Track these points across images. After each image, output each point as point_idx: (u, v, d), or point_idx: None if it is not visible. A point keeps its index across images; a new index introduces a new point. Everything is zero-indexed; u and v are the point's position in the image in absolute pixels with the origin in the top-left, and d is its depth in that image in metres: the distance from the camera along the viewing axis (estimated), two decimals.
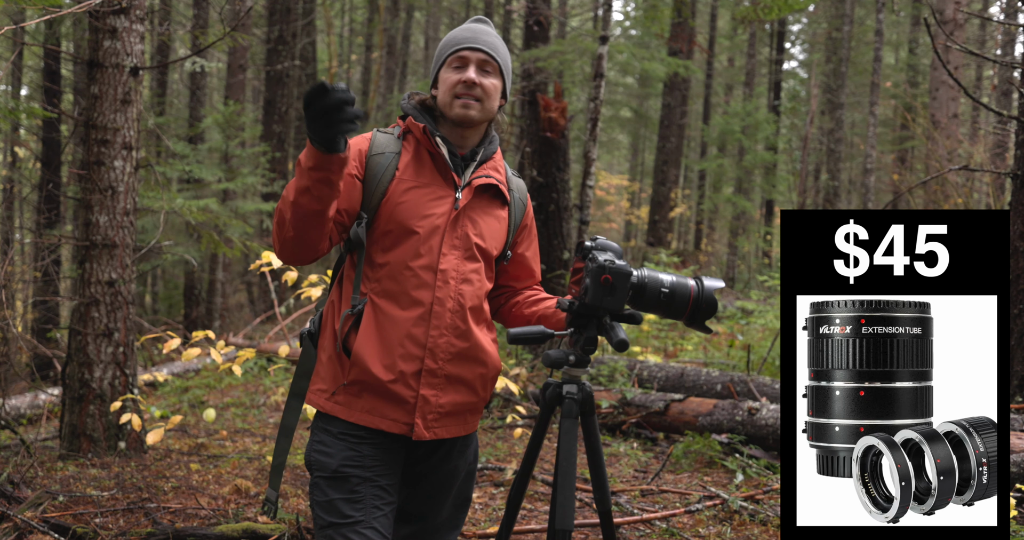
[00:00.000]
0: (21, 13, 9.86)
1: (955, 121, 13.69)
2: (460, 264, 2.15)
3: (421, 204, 2.14)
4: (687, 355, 8.89)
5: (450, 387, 2.15)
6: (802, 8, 7.89)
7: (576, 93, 17.76)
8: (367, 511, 2.08)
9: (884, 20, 14.93)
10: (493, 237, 2.23)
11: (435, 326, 2.12)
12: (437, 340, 2.11)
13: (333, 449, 2.12)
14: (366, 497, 2.09)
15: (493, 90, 2.18)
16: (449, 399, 2.15)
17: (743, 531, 3.90)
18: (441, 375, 2.13)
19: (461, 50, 2.17)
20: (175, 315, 13.92)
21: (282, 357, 6.91)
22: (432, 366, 2.12)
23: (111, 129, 4.90)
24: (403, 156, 2.18)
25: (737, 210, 20.19)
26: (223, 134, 12.08)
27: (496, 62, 2.19)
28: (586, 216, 7.34)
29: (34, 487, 4.27)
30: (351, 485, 2.09)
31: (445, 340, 2.12)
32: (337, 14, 21.30)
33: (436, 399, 2.13)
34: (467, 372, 2.17)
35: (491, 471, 4.78)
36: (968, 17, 13.76)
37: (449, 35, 2.25)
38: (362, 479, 2.10)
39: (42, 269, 10.14)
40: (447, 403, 2.15)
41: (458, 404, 2.18)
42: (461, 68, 2.17)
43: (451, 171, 2.18)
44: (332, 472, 2.11)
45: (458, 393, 2.17)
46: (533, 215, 2.38)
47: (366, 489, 2.10)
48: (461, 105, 2.15)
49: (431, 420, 2.13)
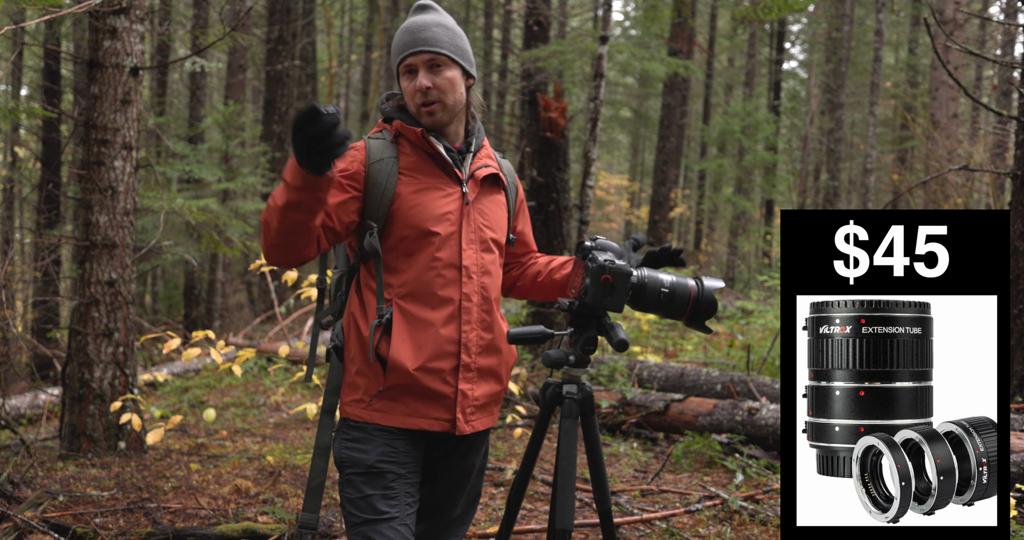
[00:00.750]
0: (21, 13, 9.86)
1: (955, 121, 13.69)
2: (479, 257, 2.20)
3: (433, 204, 2.15)
4: (687, 355, 8.90)
5: (482, 380, 2.20)
6: (802, 8, 7.89)
7: (576, 93, 17.76)
8: (401, 508, 2.10)
9: (884, 20, 14.93)
10: (499, 225, 2.28)
11: (465, 321, 2.16)
12: (468, 334, 2.16)
13: (368, 446, 2.12)
14: (400, 494, 2.11)
15: (449, 84, 2.17)
16: (482, 391, 2.21)
17: (743, 531, 3.91)
18: (474, 368, 2.18)
19: (406, 57, 2.18)
20: (175, 315, 13.92)
21: (282, 357, 6.92)
22: (467, 360, 2.16)
23: (111, 129, 4.90)
24: (402, 160, 2.18)
25: (737, 210, 20.19)
26: (223, 134, 12.08)
27: (443, 54, 2.17)
28: (586, 216, 7.34)
29: (34, 487, 4.27)
30: (387, 481, 2.10)
31: (475, 334, 2.17)
32: (337, 14, 21.29)
33: (472, 392, 2.18)
34: (495, 362, 2.23)
35: (491, 471, 4.78)
36: (968, 17, 13.76)
37: (395, 38, 2.23)
38: (397, 475, 2.11)
39: (42, 269, 10.14)
40: (481, 395, 2.20)
41: (489, 395, 2.23)
42: (412, 75, 2.18)
43: (452, 167, 2.20)
44: (367, 468, 2.11)
45: (489, 384, 2.22)
46: (523, 193, 2.44)
47: (400, 486, 2.11)
48: (427, 114, 2.18)
49: (469, 414, 2.18)
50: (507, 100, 17.09)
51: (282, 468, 4.81)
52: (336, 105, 1.77)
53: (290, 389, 7.51)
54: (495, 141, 15.73)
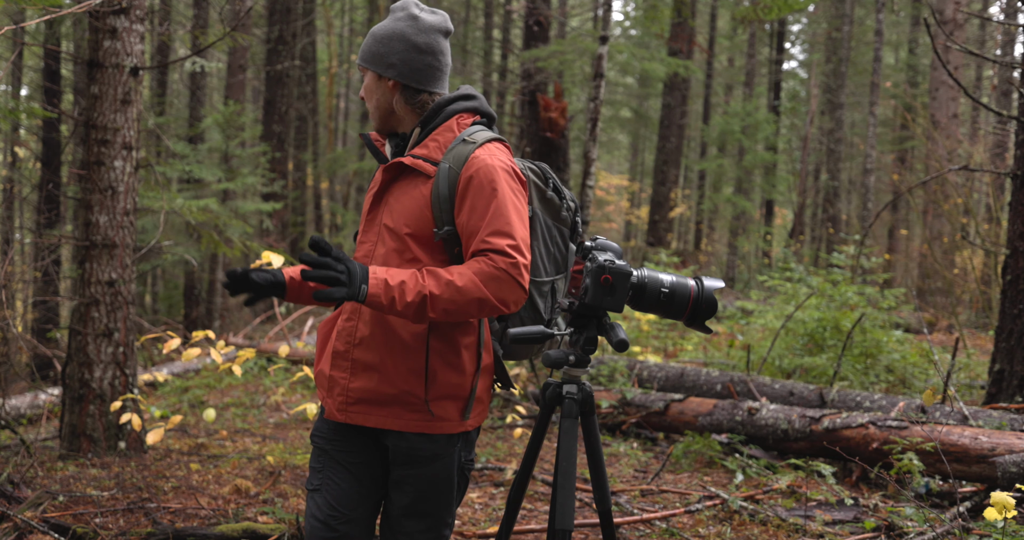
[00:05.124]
0: (21, 13, 9.86)
1: (955, 121, 13.69)
2: (372, 248, 2.20)
3: (365, 204, 2.29)
4: (687, 355, 8.89)
5: (362, 373, 2.15)
6: (802, 8, 7.89)
7: (576, 93, 17.76)
8: (324, 482, 2.23)
9: (884, 20, 14.93)
10: (405, 215, 2.13)
11: (344, 310, 2.21)
12: (344, 324, 2.19)
13: (317, 421, 2.30)
14: (325, 468, 2.24)
15: (367, 93, 2.27)
16: (360, 384, 2.15)
17: (743, 531, 3.90)
18: (349, 359, 2.17)
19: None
20: (175, 315, 13.92)
21: (282, 357, 6.92)
22: (339, 349, 2.19)
23: (111, 129, 4.90)
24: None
25: (737, 210, 20.19)
26: (223, 134, 12.08)
27: (362, 64, 2.26)
28: (586, 216, 7.34)
29: (34, 487, 4.27)
30: (316, 455, 2.28)
31: (352, 324, 2.17)
32: (337, 14, 21.29)
33: (347, 382, 2.17)
34: (377, 360, 2.13)
35: (491, 471, 4.78)
36: (968, 17, 13.76)
37: None
38: (321, 450, 2.25)
39: (42, 269, 10.14)
40: (359, 388, 2.15)
41: (371, 391, 2.13)
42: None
43: (382, 164, 2.26)
44: (311, 441, 2.30)
45: (370, 380, 2.14)
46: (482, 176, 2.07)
47: (325, 461, 2.24)
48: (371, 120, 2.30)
49: (341, 402, 2.18)
50: (507, 100, 17.08)
51: (282, 468, 4.81)
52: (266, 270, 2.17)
53: (290, 389, 7.51)
54: None
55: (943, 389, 5.03)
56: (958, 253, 12.32)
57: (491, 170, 2.08)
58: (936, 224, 13.23)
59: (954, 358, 5.14)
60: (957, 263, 12.37)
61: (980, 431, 4.23)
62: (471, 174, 2.07)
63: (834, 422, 4.73)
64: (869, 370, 6.56)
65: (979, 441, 4.15)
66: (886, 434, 4.46)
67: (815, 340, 6.94)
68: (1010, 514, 2.92)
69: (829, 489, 4.43)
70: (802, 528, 3.86)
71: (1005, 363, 5.05)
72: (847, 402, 5.36)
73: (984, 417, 4.58)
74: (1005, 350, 5.06)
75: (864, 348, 6.61)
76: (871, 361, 6.61)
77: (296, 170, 16.34)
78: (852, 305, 7.25)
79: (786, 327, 7.12)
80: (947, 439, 4.23)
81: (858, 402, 5.29)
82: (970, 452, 4.14)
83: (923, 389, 6.20)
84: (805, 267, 10.14)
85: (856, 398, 5.35)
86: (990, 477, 4.07)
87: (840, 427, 4.69)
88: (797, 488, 4.45)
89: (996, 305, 8.90)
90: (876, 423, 4.55)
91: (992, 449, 4.08)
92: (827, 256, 10.75)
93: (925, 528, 3.73)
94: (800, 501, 4.28)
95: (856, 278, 8.55)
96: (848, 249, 8.61)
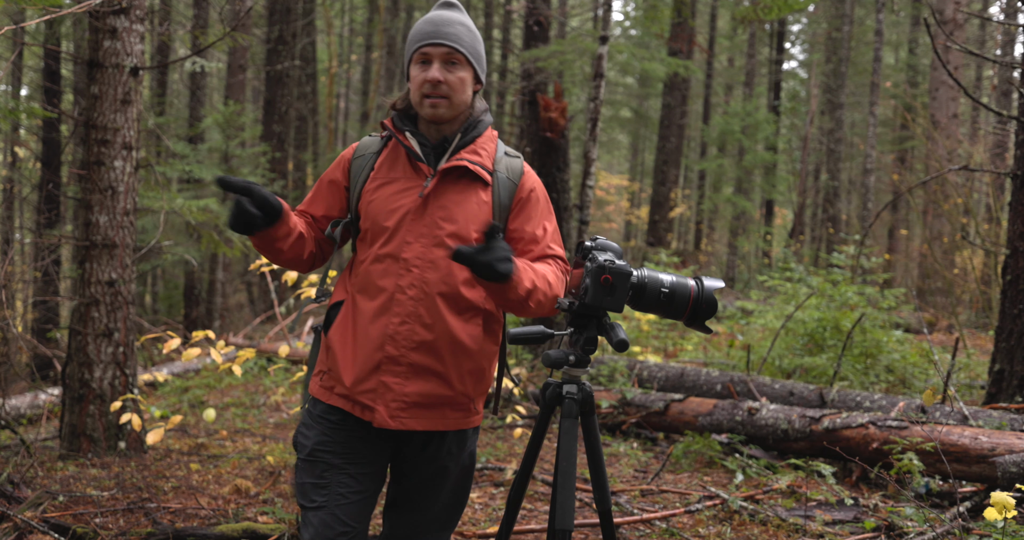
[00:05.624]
0: (21, 13, 9.85)
1: (955, 121, 13.69)
2: (426, 252, 2.15)
3: (389, 199, 2.19)
4: (687, 355, 8.89)
5: (416, 377, 2.14)
6: (802, 8, 7.89)
7: (576, 93, 17.75)
8: (332, 498, 2.13)
9: (884, 20, 14.93)
10: (473, 221, 2.18)
11: (396, 314, 2.13)
12: (398, 327, 2.13)
13: (310, 432, 2.19)
14: (332, 483, 2.14)
15: (459, 84, 2.18)
16: (415, 389, 2.14)
17: (743, 531, 3.90)
18: (404, 363, 2.13)
19: (424, 46, 2.18)
20: (175, 315, 13.92)
21: (282, 357, 6.92)
22: (393, 353, 2.13)
23: (111, 129, 4.89)
24: (382, 155, 2.26)
25: (737, 210, 20.19)
26: (223, 134, 12.08)
27: (461, 52, 2.18)
28: (586, 216, 7.34)
29: (34, 487, 4.27)
30: (319, 470, 2.16)
31: (407, 328, 2.13)
32: (337, 14, 21.29)
33: (400, 387, 2.13)
34: (432, 362, 2.14)
35: (491, 471, 4.78)
36: (968, 17, 13.76)
37: (415, 26, 2.24)
38: (329, 465, 2.16)
39: (42, 269, 10.14)
40: (413, 393, 2.14)
41: (426, 394, 2.15)
42: (426, 65, 2.19)
43: (420, 162, 2.19)
44: (306, 455, 2.18)
45: (426, 383, 2.14)
46: (538, 190, 2.29)
47: (333, 476, 2.15)
48: (430, 105, 2.18)
49: (396, 409, 2.13)
50: (507, 100, 17.08)
51: (282, 468, 4.81)
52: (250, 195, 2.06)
53: (290, 389, 7.51)
54: None
55: (943, 389, 5.03)
56: (958, 253, 12.32)
57: (541, 187, 2.32)
58: (936, 224, 13.23)
59: (954, 358, 5.14)
60: (957, 263, 12.37)
61: (980, 431, 4.23)
62: (531, 187, 2.27)
63: (834, 422, 4.73)
64: (869, 370, 6.56)
65: (979, 441, 4.15)
66: (886, 434, 4.46)
67: (815, 340, 6.94)
68: (1010, 514, 2.92)
69: (829, 489, 4.43)
70: (802, 528, 3.86)
71: (1005, 363, 5.05)
72: (847, 402, 5.36)
73: (984, 417, 4.58)
74: (1005, 350, 5.06)
75: (864, 348, 6.61)
76: (871, 361, 6.62)
77: (296, 170, 16.34)
78: (852, 305, 7.26)
79: (786, 327, 7.12)
80: (947, 439, 4.23)
81: (858, 402, 5.29)
82: (970, 452, 4.14)
83: (923, 389, 6.20)
84: (805, 267, 10.15)
85: (856, 398, 5.35)
86: (990, 477, 4.07)
87: (840, 427, 4.69)
88: (797, 488, 4.45)
89: (996, 305, 8.90)
90: (876, 423, 4.55)
91: (992, 449, 4.08)
92: (827, 256, 10.75)
93: (925, 528, 3.73)
94: (800, 501, 4.28)
95: (856, 278, 8.56)
96: (848, 249, 8.61)
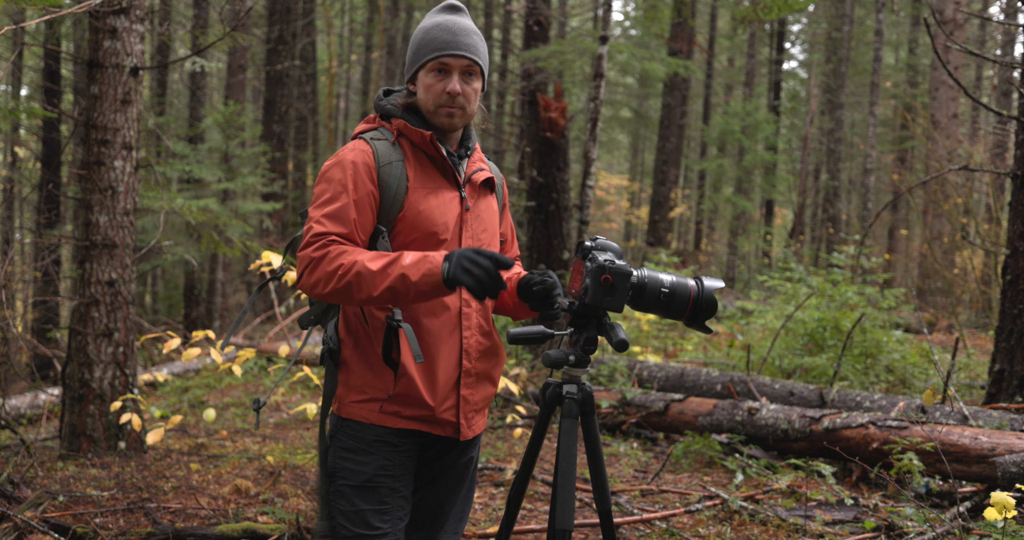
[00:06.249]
0: (21, 13, 9.86)
1: (955, 121, 13.69)
2: None
3: (440, 209, 2.13)
4: (687, 355, 8.89)
5: (479, 384, 2.22)
6: (802, 8, 7.89)
7: (576, 93, 17.75)
8: (394, 523, 2.11)
9: (884, 20, 14.93)
10: (493, 229, 2.27)
11: (466, 327, 2.16)
12: (469, 341, 2.17)
13: (366, 458, 2.10)
14: (393, 508, 2.12)
15: (474, 95, 2.18)
16: (481, 395, 2.22)
17: (743, 531, 3.90)
18: (474, 374, 2.19)
19: (444, 56, 2.11)
20: (175, 315, 13.92)
21: (282, 357, 6.92)
22: (467, 366, 2.17)
23: (111, 129, 4.89)
24: (407, 162, 2.15)
25: (737, 210, 20.19)
26: (223, 134, 12.07)
27: (479, 65, 2.16)
28: (586, 216, 7.33)
29: (34, 487, 4.27)
30: (381, 496, 2.10)
31: (475, 339, 2.18)
32: (337, 14, 21.29)
33: (472, 397, 2.20)
34: (490, 366, 2.24)
35: (491, 471, 4.78)
36: (968, 17, 13.76)
37: (427, 31, 2.16)
38: (391, 490, 2.11)
39: (42, 269, 10.14)
40: (479, 399, 2.22)
41: (486, 398, 2.25)
42: (444, 75, 2.13)
43: (453, 171, 2.18)
44: (363, 482, 2.09)
45: (485, 388, 2.24)
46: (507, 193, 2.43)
47: (394, 500, 2.12)
48: (446, 115, 2.14)
49: (471, 418, 2.20)
50: (507, 100, 17.08)
51: (282, 468, 4.81)
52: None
53: (290, 389, 7.51)
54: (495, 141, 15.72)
55: (943, 389, 5.03)
56: (958, 253, 12.32)
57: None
58: (936, 224, 13.23)
59: (954, 358, 5.14)
60: (957, 263, 12.37)
61: (980, 431, 4.23)
62: (504, 189, 2.36)
63: (834, 422, 4.73)
64: (869, 370, 6.56)
65: (979, 441, 4.15)
66: (886, 434, 4.46)
67: (815, 340, 6.94)
68: (1010, 514, 2.92)
69: (829, 489, 4.43)
70: (802, 528, 3.86)
71: (1005, 363, 5.05)
72: (847, 402, 5.36)
73: (984, 417, 4.58)
74: (1005, 350, 5.06)
75: (864, 348, 6.61)
76: (871, 361, 6.62)
77: (296, 170, 16.34)
78: (852, 305, 7.26)
79: (786, 327, 7.12)
80: (947, 439, 4.23)
81: (858, 402, 5.29)
82: (970, 452, 4.14)
83: (923, 389, 6.20)
84: (805, 267, 10.15)
85: (856, 398, 5.35)
86: (990, 477, 4.07)
87: (840, 427, 4.69)
88: (797, 488, 4.45)
89: (996, 305, 8.90)
90: (876, 423, 4.55)
91: (992, 449, 4.08)
92: (827, 256, 10.75)
93: (925, 528, 3.73)
94: (800, 501, 4.28)
95: (856, 278, 8.56)
96: (848, 249, 8.61)
